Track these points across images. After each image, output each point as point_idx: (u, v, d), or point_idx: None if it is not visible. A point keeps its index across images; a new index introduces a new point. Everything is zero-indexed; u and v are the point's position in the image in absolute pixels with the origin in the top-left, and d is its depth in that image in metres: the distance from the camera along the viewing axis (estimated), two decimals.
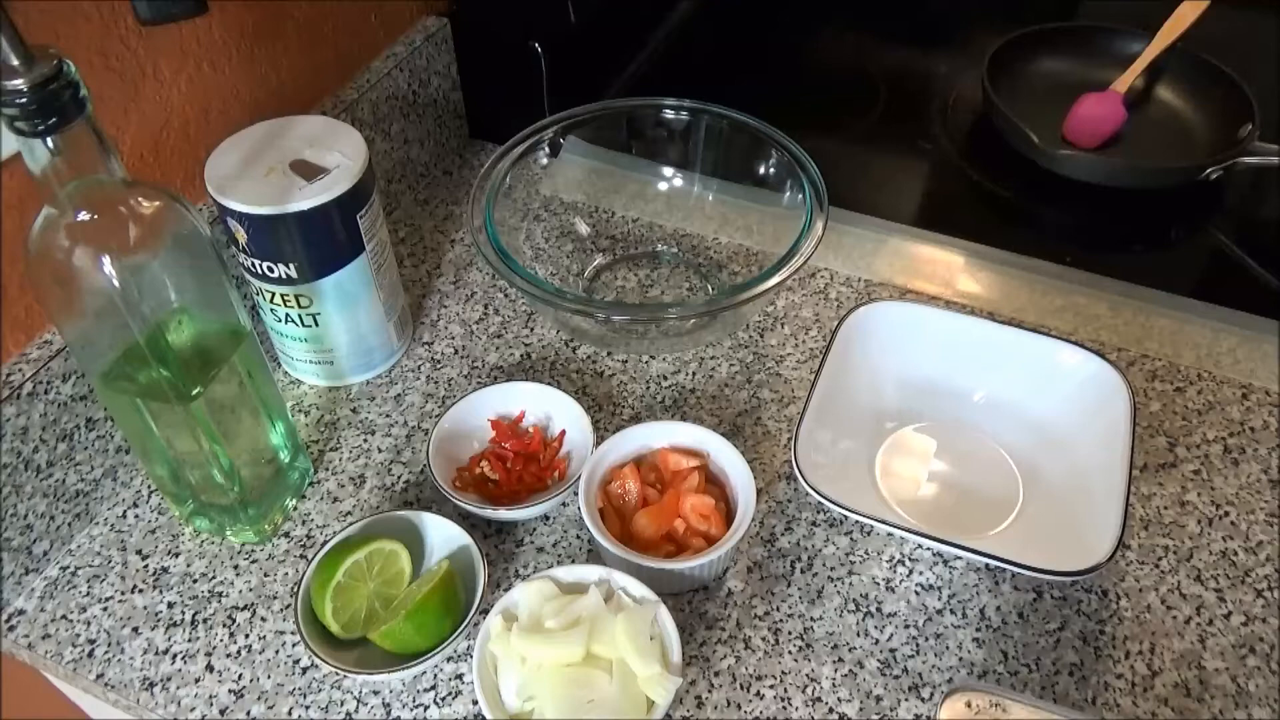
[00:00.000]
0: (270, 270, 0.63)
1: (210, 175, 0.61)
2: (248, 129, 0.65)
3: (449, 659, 0.57)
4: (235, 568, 0.62)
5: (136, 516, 0.65)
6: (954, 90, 0.99)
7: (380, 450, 0.68)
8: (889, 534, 0.62)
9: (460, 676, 0.57)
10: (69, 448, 0.61)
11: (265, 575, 0.61)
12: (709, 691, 0.56)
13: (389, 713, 0.55)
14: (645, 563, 0.55)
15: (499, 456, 0.65)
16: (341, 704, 0.55)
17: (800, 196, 0.71)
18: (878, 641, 0.58)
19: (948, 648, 0.57)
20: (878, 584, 0.60)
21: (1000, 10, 1.09)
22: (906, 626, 0.58)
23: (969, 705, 0.45)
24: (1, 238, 0.56)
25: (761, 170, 0.76)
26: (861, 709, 0.55)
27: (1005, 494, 0.63)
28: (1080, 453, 0.62)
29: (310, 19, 0.74)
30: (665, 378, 0.73)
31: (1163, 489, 0.65)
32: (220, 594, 0.61)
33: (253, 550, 0.63)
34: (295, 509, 0.65)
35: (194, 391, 0.53)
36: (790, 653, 0.57)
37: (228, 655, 0.58)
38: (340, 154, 0.63)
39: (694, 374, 0.73)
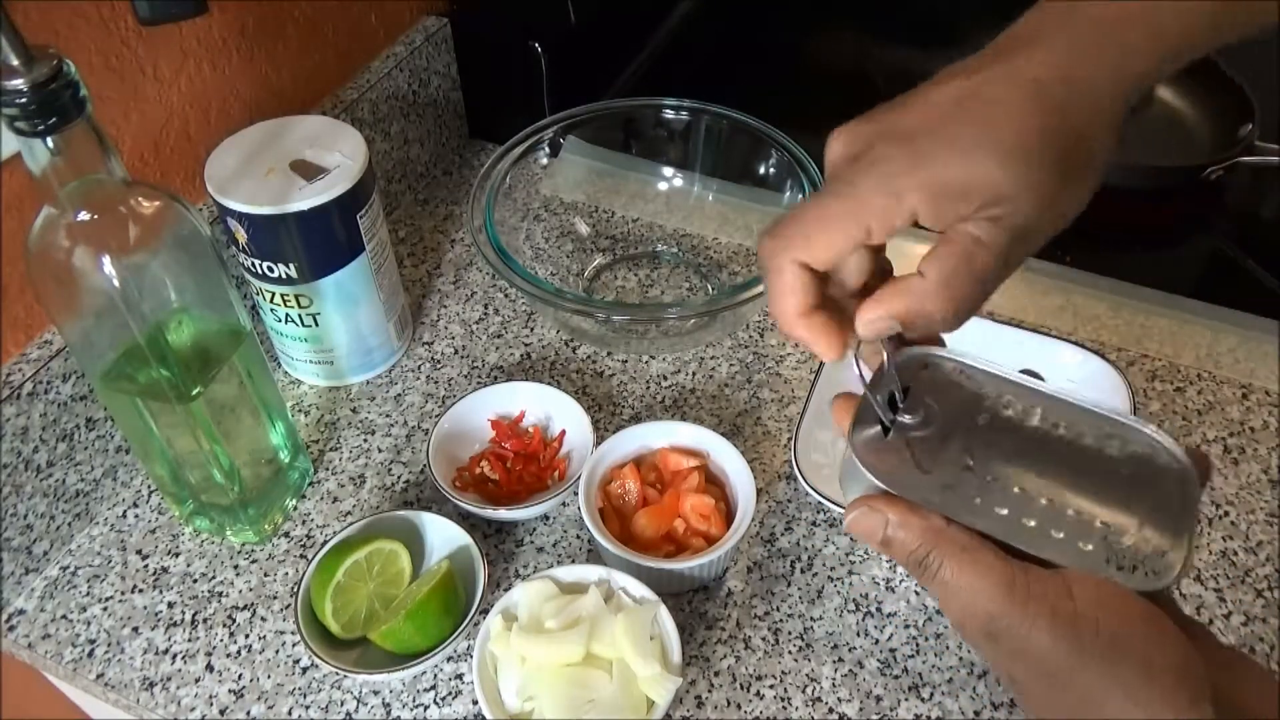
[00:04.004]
0: (270, 270, 0.63)
1: (210, 175, 0.61)
2: (248, 129, 0.65)
3: (449, 659, 0.57)
4: (235, 568, 0.62)
5: (136, 516, 0.65)
6: None
7: (380, 450, 0.68)
8: None
9: (460, 676, 0.57)
10: (69, 448, 0.61)
11: (265, 575, 0.61)
12: (709, 691, 0.56)
13: (389, 713, 0.55)
14: (645, 563, 0.55)
15: (499, 456, 0.65)
16: (341, 704, 0.55)
17: (800, 196, 0.71)
18: (878, 641, 0.58)
19: (948, 647, 0.57)
20: (878, 584, 0.60)
21: (1000, 10, 1.08)
22: (906, 626, 0.58)
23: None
24: (1, 238, 0.56)
25: (761, 170, 0.76)
26: (861, 709, 0.55)
27: None
28: None
29: (310, 19, 0.74)
30: (665, 378, 0.72)
31: None
32: (220, 594, 0.60)
33: (253, 550, 0.63)
34: (295, 509, 0.65)
35: (194, 391, 0.53)
36: (790, 653, 0.57)
37: (228, 655, 0.58)
38: (340, 154, 0.63)
39: (694, 374, 0.73)
